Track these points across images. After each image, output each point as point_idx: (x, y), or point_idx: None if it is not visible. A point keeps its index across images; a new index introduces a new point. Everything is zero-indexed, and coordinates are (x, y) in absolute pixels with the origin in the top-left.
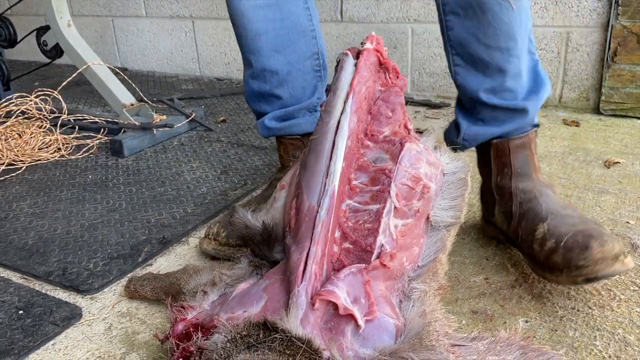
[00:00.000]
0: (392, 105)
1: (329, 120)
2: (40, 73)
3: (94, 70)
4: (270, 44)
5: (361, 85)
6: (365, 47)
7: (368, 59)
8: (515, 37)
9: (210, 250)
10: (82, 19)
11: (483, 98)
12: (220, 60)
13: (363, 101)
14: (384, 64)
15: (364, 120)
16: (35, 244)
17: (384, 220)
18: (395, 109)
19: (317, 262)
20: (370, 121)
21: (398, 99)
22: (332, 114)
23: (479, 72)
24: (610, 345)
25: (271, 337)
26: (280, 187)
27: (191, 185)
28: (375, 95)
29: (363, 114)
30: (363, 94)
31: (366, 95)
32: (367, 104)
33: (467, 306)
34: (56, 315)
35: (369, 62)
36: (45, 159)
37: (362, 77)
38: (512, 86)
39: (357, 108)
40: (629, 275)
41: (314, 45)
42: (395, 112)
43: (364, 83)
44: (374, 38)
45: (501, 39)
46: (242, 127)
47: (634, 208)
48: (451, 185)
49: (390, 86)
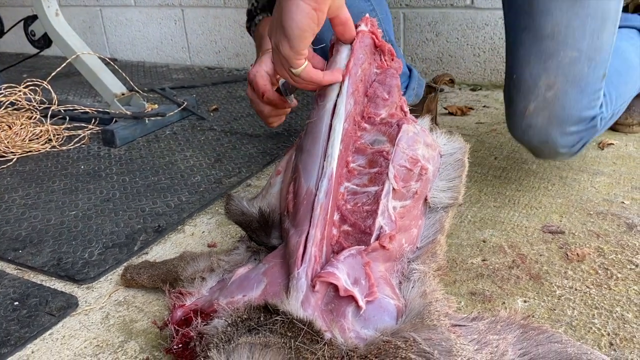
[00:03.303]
0: (388, 87)
1: (325, 103)
2: (28, 65)
3: (83, 59)
4: None
5: (357, 67)
6: (360, 29)
7: (363, 41)
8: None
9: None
10: (69, 9)
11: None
12: (211, 49)
13: (359, 83)
14: (379, 46)
15: (360, 103)
16: (29, 235)
17: (382, 202)
18: (392, 90)
19: (316, 245)
20: (366, 103)
21: (394, 81)
22: (328, 96)
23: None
24: (608, 323)
25: (272, 320)
26: (275, 173)
27: (185, 174)
28: (371, 78)
29: (359, 97)
30: (359, 76)
31: (362, 77)
32: (364, 86)
33: (466, 288)
34: (52, 305)
35: (364, 44)
36: (36, 150)
37: (358, 59)
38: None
39: (354, 90)
40: (626, 254)
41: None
42: (391, 94)
43: (360, 65)
44: (368, 20)
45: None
46: (235, 115)
47: (628, 188)
48: (448, 166)
49: (386, 68)
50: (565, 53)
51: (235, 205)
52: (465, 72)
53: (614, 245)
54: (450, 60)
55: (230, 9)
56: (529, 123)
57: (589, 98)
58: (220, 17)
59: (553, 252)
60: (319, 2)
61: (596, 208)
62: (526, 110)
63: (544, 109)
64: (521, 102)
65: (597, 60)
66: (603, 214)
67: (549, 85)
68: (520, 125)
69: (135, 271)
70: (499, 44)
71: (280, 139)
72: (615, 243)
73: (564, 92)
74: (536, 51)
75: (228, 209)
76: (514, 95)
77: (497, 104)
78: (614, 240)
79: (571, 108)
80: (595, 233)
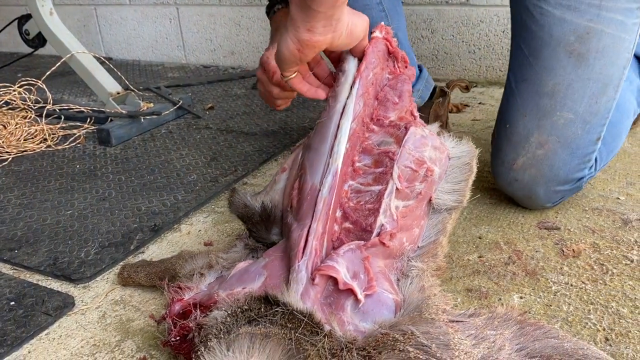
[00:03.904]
0: (399, 92)
1: (335, 104)
2: (23, 64)
3: (78, 59)
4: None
5: (368, 70)
6: (374, 35)
7: (376, 46)
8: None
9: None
10: (64, 8)
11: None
12: (206, 47)
13: (370, 86)
14: (392, 53)
15: (370, 105)
16: (25, 234)
17: (385, 201)
18: (403, 95)
19: (317, 239)
20: (376, 106)
21: (405, 87)
22: (338, 97)
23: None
24: (604, 319)
25: (272, 311)
26: (281, 170)
27: (181, 173)
28: (382, 82)
29: (369, 99)
30: (370, 79)
31: (373, 81)
32: (374, 90)
33: (462, 284)
34: (48, 305)
35: (377, 49)
36: (31, 149)
37: (370, 62)
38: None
39: (364, 92)
40: (621, 250)
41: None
42: (402, 99)
43: (372, 69)
44: (383, 27)
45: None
46: (231, 113)
47: (623, 184)
48: (456, 169)
49: (399, 74)
50: (561, 114)
51: (239, 198)
52: (460, 69)
53: (609, 241)
54: (446, 57)
55: (225, 7)
56: (515, 177)
57: (579, 160)
58: (216, 15)
59: (549, 248)
60: (303, 46)
61: (591, 204)
62: (514, 163)
63: (531, 166)
64: (510, 154)
65: (593, 123)
66: (598, 210)
67: (541, 143)
68: (505, 176)
69: (132, 269)
70: (494, 41)
71: (276, 137)
72: (611, 239)
73: (554, 152)
74: (533, 106)
75: (231, 201)
76: (504, 144)
77: (493, 100)
78: (609, 236)
79: (559, 169)
80: (590, 229)
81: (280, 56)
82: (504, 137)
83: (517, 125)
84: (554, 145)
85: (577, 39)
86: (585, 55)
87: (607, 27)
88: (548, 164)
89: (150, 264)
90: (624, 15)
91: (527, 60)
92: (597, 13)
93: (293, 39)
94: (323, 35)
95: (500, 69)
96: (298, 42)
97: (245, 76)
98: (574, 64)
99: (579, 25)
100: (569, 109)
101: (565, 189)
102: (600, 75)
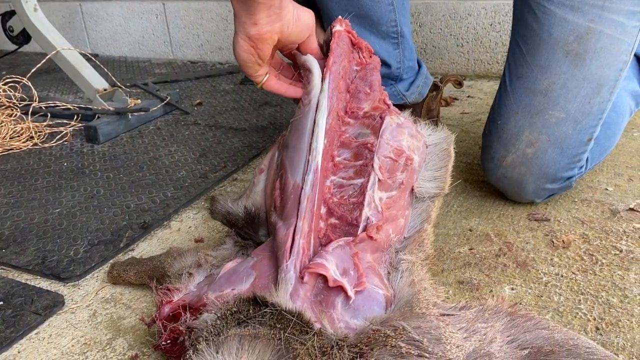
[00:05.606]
0: (369, 82)
1: (308, 101)
2: (7, 61)
3: (64, 55)
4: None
5: (337, 65)
6: (336, 29)
7: (341, 40)
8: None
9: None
10: (48, 5)
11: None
12: (194, 43)
13: (340, 80)
14: (356, 44)
15: (343, 99)
16: (12, 233)
17: (368, 194)
18: (373, 85)
19: (304, 237)
20: (349, 99)
21: (375, 76)
22: (310, 94)
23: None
24: (594, 308)
25: (261, 312)
26: (258, 171)
27: (170, 169)
28: (351, 75)
29: (341, 93)
30: (340, 73)
31: (342, 74)
32: (345, 83)
33: (453, 277)
34: (38, 304)
35: (342, 43)
36: (17, 148)
37: (337, 56)
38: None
39: (335, 87)
40: (610, 240)
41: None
42: (373, 89)
43: (340, 63)
44: (342, 21)
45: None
46: (219, 109)
47: (611, 175)
48: (434, 156)
49: (365, 64)
50: (553, 112)
51: (220, 207)
52: (448, 63)
53: (598, 232)
54: (434, 50)
55: (212, 2)
56: (504, 173)
57: (568, 160)
58: (202, 10)
59: (539, 239)
60: (255, 41)
61: (580, 195)
62: (504, 160)
63: (521, 164)
64: (500, 151)
65: (584, 124)
66: (587, 201)
67: (531, 141)
68: (495, 172)
69: (121, 268)
70: (482, 34)
71: (265, 132)
72: (600, 229)
73: (544, 150)
74: (526, 103)
75: (213, 210)
76: (495, 141)
77: (481, 93)
78: (598, 227)
79: (549, 168)
80: (580, 220)
81: (238, 60)
82: (495, 134)
83: (509, 122)
84: (544, 143)
85: (576, 39)
86: (582, 56)
87: (606, 28)
88: (537, 162)
89: (140, 262)
90: (625, 17)
91: (523, 58)
92: (599, 14)
93: (244, 37)
94: (270, 25)
95: (488, 62)
96: (249, 39)
97: (233, 71)
98: (570, 63)
99: (579, 25)
100: (561, 108)
101: (554, 187)
102: (596, 76)
